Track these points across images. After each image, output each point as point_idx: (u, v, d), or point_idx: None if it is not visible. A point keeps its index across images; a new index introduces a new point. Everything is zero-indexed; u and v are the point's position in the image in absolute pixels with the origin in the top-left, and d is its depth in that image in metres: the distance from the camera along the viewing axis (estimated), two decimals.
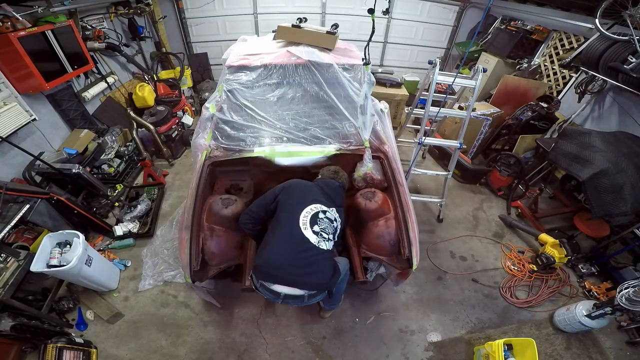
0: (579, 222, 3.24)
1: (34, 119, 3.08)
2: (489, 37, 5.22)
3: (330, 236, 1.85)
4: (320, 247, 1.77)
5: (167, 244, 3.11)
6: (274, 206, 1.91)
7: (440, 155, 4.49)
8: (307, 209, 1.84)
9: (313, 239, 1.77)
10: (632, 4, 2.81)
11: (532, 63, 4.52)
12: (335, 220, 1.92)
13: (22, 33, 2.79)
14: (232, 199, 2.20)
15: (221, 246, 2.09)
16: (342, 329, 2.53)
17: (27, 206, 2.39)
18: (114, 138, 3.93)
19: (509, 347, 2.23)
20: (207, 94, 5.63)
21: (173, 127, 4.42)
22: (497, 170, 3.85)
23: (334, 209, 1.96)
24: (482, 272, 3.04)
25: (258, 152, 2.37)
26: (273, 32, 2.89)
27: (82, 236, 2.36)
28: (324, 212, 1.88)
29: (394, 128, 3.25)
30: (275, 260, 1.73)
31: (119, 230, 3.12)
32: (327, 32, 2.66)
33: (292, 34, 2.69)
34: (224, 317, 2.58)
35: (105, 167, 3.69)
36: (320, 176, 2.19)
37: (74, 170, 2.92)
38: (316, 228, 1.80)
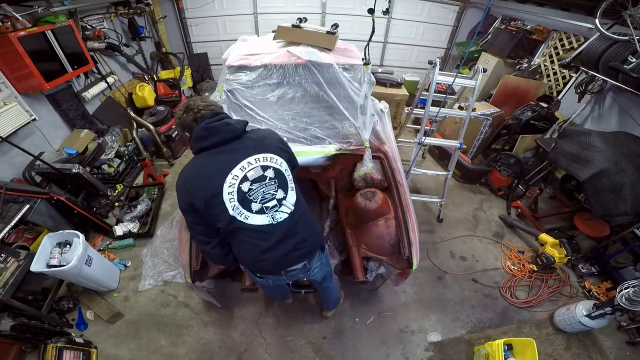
0: (579, 222, 3.24)
1: (34, 119, 3.08)
2: (489, 37, 5.21)
3: (277, 192, 1.33)
4: (278, 219, 1.33)
5: (167, 244, 3.11)
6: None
7: (440, 155, 4.48)
8: (225, 185, 1.30)
9: (264, 220, 1.31)
10: (632, 4, 2.81)
11: (532, 63, 4.51)
12: (270, 165, 1.33)
13: (22, 33, 2.79)
14: None
15: None
16: (342, 329, 2.53)
17: (27, 206, 2.39)
18: (114, 138, 3.93)
19: (509, 347, 2.23)
20: (207, 94, 5.62)
21: (173, 127, 4.42)
22: (497, 170, 3.85)
23: (257, 155, 1.34)
24: (482, 272, 3.04)
25: None
26: (273, 32, 2.88)
27: (82, 236, 2.36)
28: (242, 168, 1.30)
29: (394, 128, 3.25)
30: (261, 257, 1.41)
31: (119, 230, 3.12)
32: (327, 32, 2.66)
33: (292, 34, 2.69)
34: (224, 317, 2.58)
35: (105, 167, 3.69)
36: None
37: (74, 170, 2.92)
38: (255, 207, 1.30)
